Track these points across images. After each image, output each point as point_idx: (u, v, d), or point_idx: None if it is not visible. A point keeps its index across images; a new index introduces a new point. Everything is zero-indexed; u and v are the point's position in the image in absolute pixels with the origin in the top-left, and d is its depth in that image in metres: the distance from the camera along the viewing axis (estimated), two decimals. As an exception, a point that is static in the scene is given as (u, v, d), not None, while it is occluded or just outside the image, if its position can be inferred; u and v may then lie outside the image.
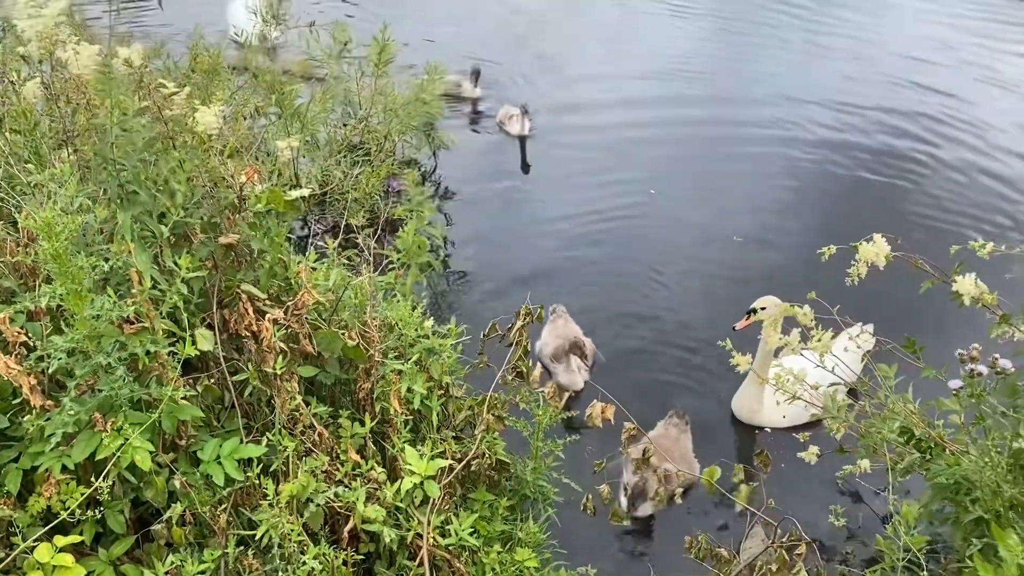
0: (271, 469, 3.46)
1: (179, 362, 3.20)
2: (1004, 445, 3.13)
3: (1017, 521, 2.97)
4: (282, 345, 3.45)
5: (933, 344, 3.91)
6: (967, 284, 3.21)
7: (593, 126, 8.76)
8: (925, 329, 5.32)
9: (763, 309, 5.04)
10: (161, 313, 3.15)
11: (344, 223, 5.62)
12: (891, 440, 3.54)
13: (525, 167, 8.04)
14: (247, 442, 3.47)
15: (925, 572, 3.15)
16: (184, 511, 3.16)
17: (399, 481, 3.55)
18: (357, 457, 3.64)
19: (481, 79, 8.99)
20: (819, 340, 3.55)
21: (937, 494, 3.46)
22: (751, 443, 5.28)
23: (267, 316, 3.46)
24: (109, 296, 3.01)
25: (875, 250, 3.22)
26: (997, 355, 3.19)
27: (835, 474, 4.05)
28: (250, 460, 3.38)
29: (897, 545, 3.36)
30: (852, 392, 4.23)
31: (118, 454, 2.97)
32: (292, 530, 3.27)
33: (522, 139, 8.32)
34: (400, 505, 3.54)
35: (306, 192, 3.60)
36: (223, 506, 3.29)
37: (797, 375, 3.96)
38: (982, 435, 3.22)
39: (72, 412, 2.94)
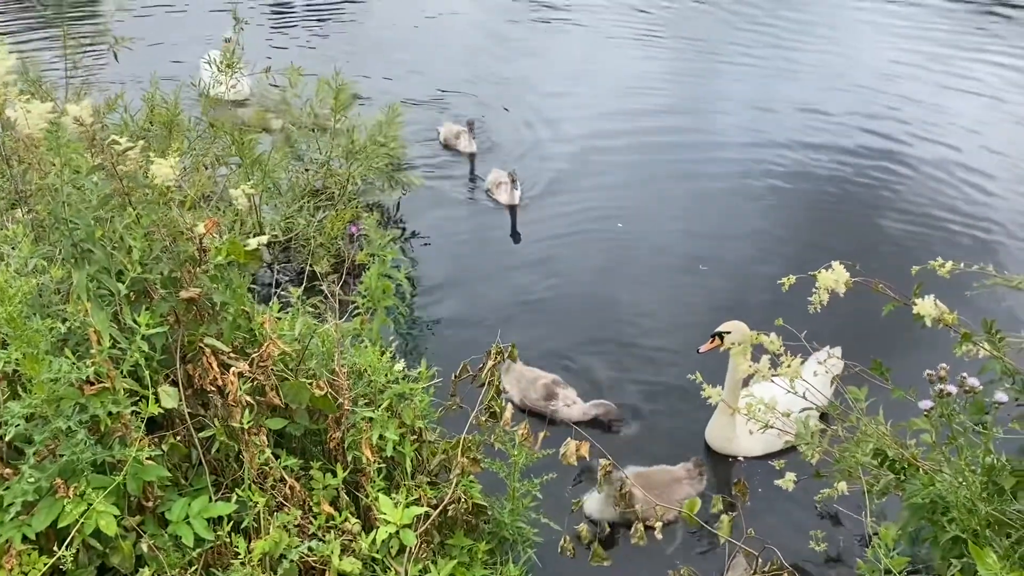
0: (242, 526, 3.38)
1: (143, 421, 3.13)
2: (977, 463, 3.14)
3: (994, 539, 2.97)
4: (248, 398, 3.39)
5: (904, 362, 3.96)
6: (927, 306, 3.24)
7: (556, 160, 8.83)
8: (895, 347, 5.36)
9: (728, 334, 5.05)
10: (122, 372, 3.09)
11: (308, 269, 5.56)
12: (865, 463, 3.54)
13: (515, 235, 7.80)
14: (216, 499, 3.39)
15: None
16: (153, 575, 3.06)
17: (374, 531, 3.48)
18: (330, 509, 3.56)
19: (474, 132, 8.81)
20: (788, 366, 3.55)
21: (914, 515, 3.46)
22: (727, 472, 5.26)
23: (232, 369, 3.40)
24: (67, 358, 2.94)
25: (834, 277, 3.24)
26: (965, 374, 3.21)
27: (813, 498, 4.04)
28: (220, 518, 3.31)
29: (878, 568, 3.34)
30: (824, 417, 4.24)
31: (82, 520, 2.88)
32: (266, 588, 3.18)
33: (512, 208, 8.04)
34: (376, 556, 3.47)
35: (265, 239, 3.56)
36: (193, 568, 3.21)
37: (768, 403, 3.96)
38: (955, 454, 3.23)
39: (32, 479, 2.86)
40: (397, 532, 3.46)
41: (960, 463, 3.13)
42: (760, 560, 3.72)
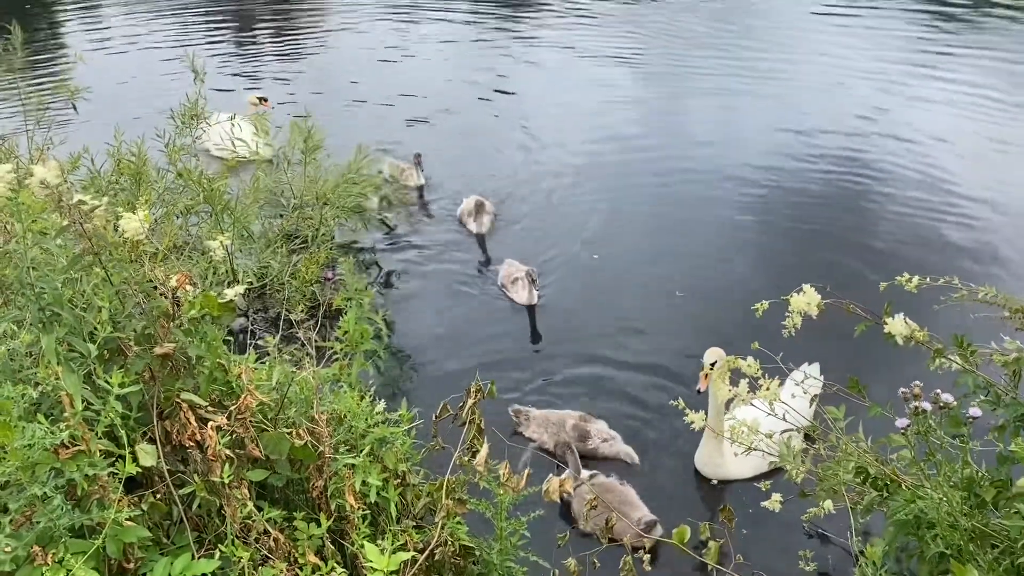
0: (227, 583, 3.33)
1: (121, 481, 3.08)
2: (957, 479, 3.17)
3: (978, 553, 2.99)
4: (228, 452, 3.35)
5: (882, 377, 3.99)
6: (898, 325, 3.29)
7: (529, 195, 8.88)
8: (872, 363, 5.40)
9: (714, 364, 5.06)
10: (97, 433, 3.04)
11: (283, 316, 5.53)
12: (848, 481, 3.56)
13: (487, 261, 7.90)
14: (199, 557, 3.33)
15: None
16: (136, 641, 3.00)
17: (361, 579, 3.44)
18: (316, 560, 3.51)
19: (422, 165, 8.96)
20: (767, 389, 3.57)
21: (898, 531, 3.47)
22: (716, 497, 5.27)
23: (210, 423, 3.36)
24: (41, 423, 2.89)
25: (806, 300, 3.29)
26: (939, 390, 3.25)
27: (800, 518, 4.05)
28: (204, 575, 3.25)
29: (867, 587, 3.35)
30: (808, 436, 4.26)
31: (61, 587, 2.82)
32: (254, 646, 3.12)
33: (480, 237, 8.19)
34: (365, 605, 3.42)
35: (241, 290, 3.54)
36: (178, 629, 3.14)
37: (751, 426, 3.98)
38: (934, 470, 3.26)
39: (8, 548, 2.80)
40: (385, 579, 3.42)
41: (939, 479, 3.15)
42: (750, 586, 3.72)
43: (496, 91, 11.26)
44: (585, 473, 5.34)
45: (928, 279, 3.41)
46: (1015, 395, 3.45)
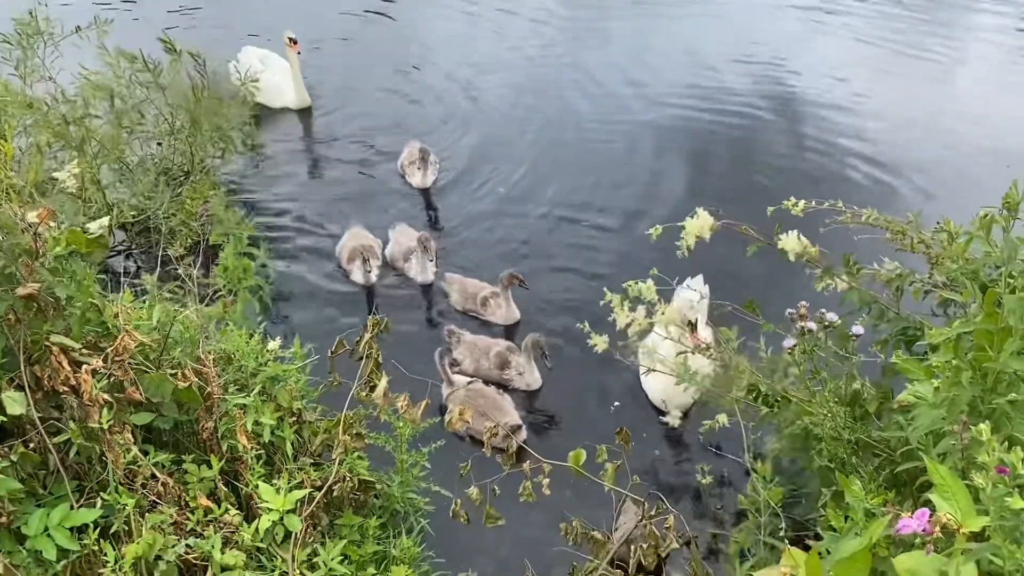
0: (112, 531, 3.19)
1: (-14, 432, 2.88)
2: (840, 395, 3.30)
3: (861, 465, 3.13)
4: (106, 396, 3.17)
5: (772, 300, 4.11)
6: (791, 242, 3.35)
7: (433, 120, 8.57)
8: (756, 287, 5.52)
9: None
10: (-44, 382, 2.82)
11: (162, 253, 5.20)
12: (740, 399, 3.67)
13: (435, 220, 7.20)
14: (79, 506, 3.17)
15: (787, 526, 3.28)
16: (12, 596, 2.85)
17: (257, 520, 3.35)
18: (208, 502, 3.41)
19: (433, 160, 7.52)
20: (663, 313, 3.62)
21: (788, 446, 3.61)
22: (614, 422, 5.29)
23: (84, 367, 3.17)
24: None
25: (700, 224, 3.31)
26: (824, 310, 3.34)
27: (698, 431, 4.16)
28: (86, 525, 3.10)
29: (757, 500, 3.48)
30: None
31: (-77, 547, 2.64)
32: (143, 593, 3.02)
33: (425, 191, 7.42)
34: (261, 545, 3.35)
35: (105, 222, 3.30)
36: (60, 582, 3.00)
37: (652, 349, 4.04)
38: (820, 387, 3.38)
39: None
40: (281, 519, 3.35)
41: (826, 394, 3.27)
42: (647, 505, 3.81)
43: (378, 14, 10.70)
44: (463, 379, 5.44)
45: (814, 202, 3.48)
46: (897, 310, 3.59)
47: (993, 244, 2.83)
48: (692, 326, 4.59)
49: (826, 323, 3.10)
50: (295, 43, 8.17)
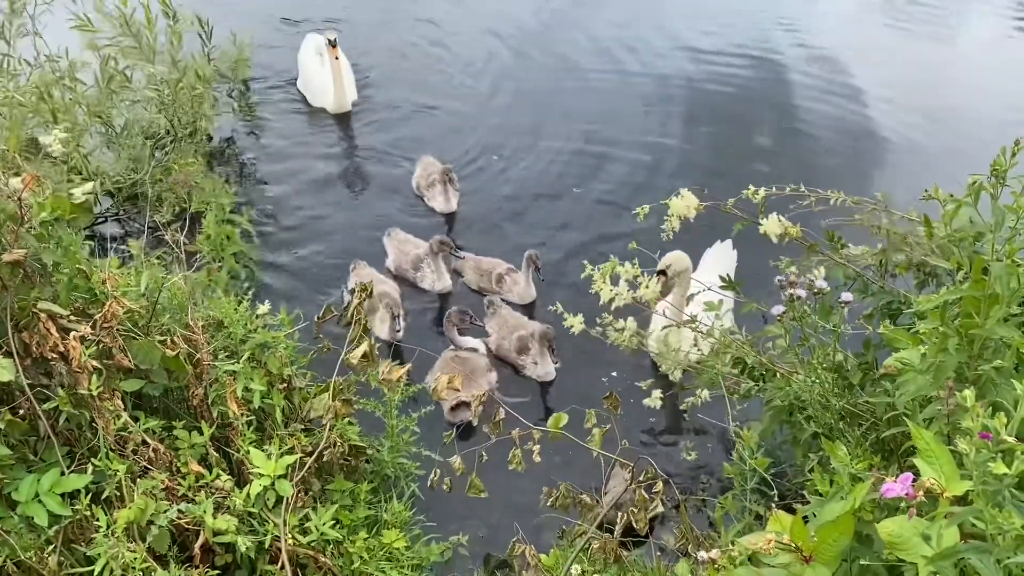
0: (103, 497, 3.20)
1: (-25, 399, 2.87)
2: (829, 362, 3.32)
3: (847, 431, 3.17)
4: (95, 363, 3.16)
5: (762, 276, 4.13)
6: (772, 224, 3.37)
7: (423, 102, 8.43)
8: (749, 254, 5.54)
9: (669, 267, 4.86)
10: (-57, 349, 2.80)
11: (148, 220, 5.13)
12: (726, 373, 3.70)
13: (457, 246, 6.19)
14: (70, 472, 3.18)
15: (775, 492, 3.32)
16: (4, 562, 2.86)
17: (248, 485, 3.37)
18: (199, 468, 3.42)
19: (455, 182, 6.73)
20: (646, 287, 3.62)
21: (774, 416, 3.64)
22: (605, 389, 5.32)
23: (73, 333, 3.16)
24: None
25: (684, 204, 3.32)
26: (812, 277, 3.35)
27: (679, 407, 4.19)
28: (77, 491, 3.11)
29: (743, 469, 3.51)
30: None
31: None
32: (135, 557, 3.04)
33: (449, 216, 6.70)
34: (253, 510, 3.37)
35: (89, 187, 3.27)
36: (51, 547, 3.01)
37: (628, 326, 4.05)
38: (808, 355, 3.40)
39: None
40: (272, 484, 3.37)
41: (814, 362, 3.29)
42: (636, 470, 3.83)
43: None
44: (468, 342, 5.37)
45: (775, 188, 3.48)
46: (882, 284, 3.62)
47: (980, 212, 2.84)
48: (663, 274, 4.60)
49: (815, 290, 3.12)
50: (335, 46, 7.33)
